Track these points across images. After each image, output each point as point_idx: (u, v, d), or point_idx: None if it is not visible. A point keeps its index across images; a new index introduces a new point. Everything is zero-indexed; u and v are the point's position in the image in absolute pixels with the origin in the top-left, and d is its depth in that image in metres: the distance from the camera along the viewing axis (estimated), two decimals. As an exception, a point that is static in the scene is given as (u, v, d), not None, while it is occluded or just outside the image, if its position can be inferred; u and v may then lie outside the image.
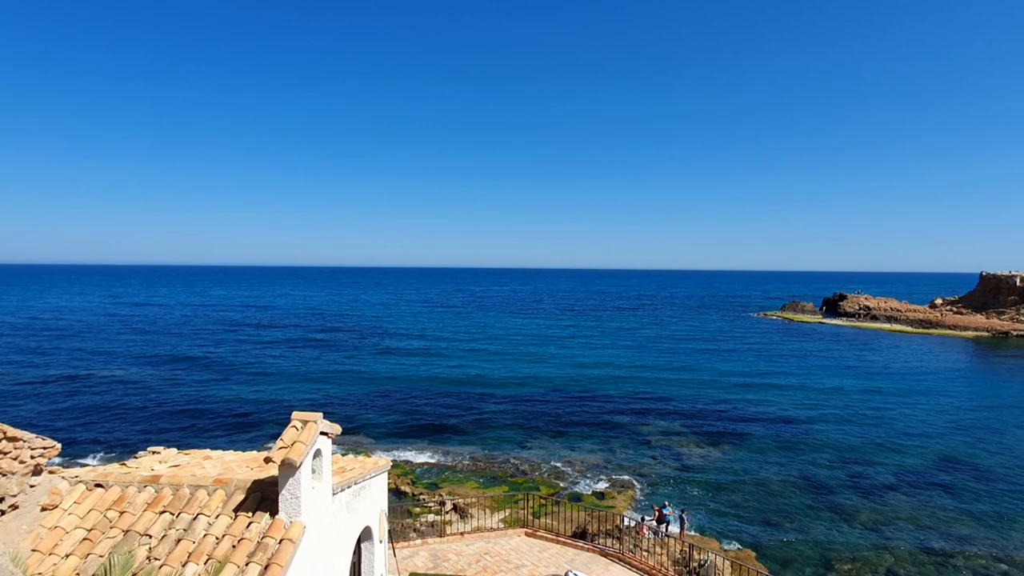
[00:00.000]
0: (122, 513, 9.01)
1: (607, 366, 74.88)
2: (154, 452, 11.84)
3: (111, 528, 8.78)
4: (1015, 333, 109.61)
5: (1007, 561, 26.17)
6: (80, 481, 9.56)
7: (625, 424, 47.76)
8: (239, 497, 9.24)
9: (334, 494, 10.60)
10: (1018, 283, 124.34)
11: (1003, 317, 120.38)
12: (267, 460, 8.71)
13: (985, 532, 29.06)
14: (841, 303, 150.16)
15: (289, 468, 8.81)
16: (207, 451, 12.49)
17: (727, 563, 22.58)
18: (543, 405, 53.58)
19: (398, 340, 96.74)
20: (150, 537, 8.57)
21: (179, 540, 8.51)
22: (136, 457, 11.52)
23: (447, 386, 60.83)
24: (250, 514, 8.94)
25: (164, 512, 8.99)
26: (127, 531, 8.68)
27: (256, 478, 9.60)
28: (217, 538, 8.56)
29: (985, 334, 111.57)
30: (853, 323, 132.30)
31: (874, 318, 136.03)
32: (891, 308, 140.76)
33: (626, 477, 36.19)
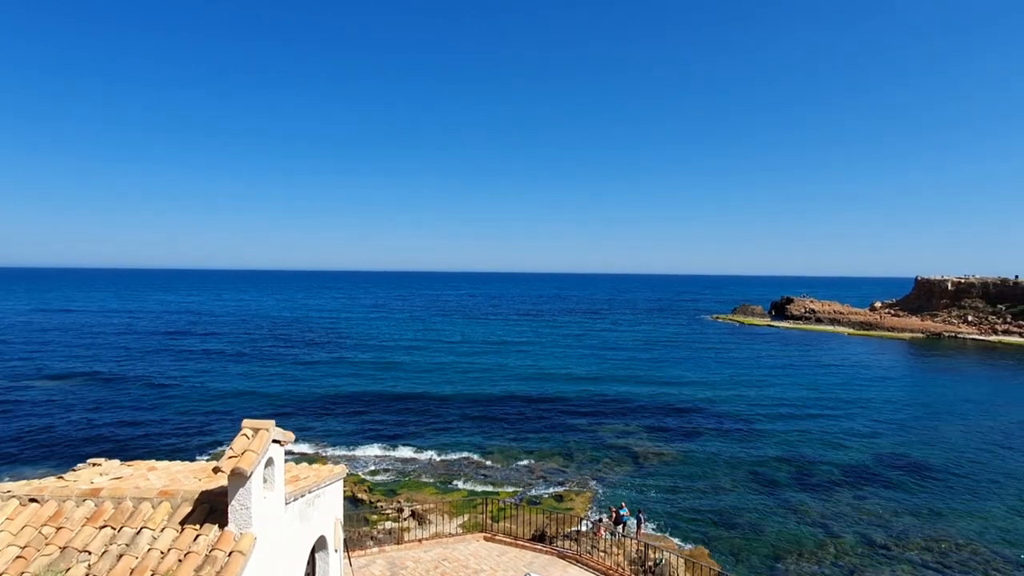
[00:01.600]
0: (59, 529, 8.56)
1: (565, 370, 75.55)
2: (94, 464, 11.29)
3: (47, 545, 8.33)
4: (947, 334, 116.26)
5: (940, 550, 27.68)
6: (13, 496, 9.03)
7: (583, 427, 48.28)
8: (186, 509, 8.91)
9: (287, 503, 10.35)
10: (949, 287, 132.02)
11: (936, 319, 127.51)
12: (216, 470, 8.43)
13: (921, 523, 30.67)
14: (788, 306, 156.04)
15: (239, 478, 8.56)
16: (152, 462, 11.99)
17: (681, 561, 23.08)
18: (501, 409, 53.62)
19: (352, 346, 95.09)
20: (89, 554, 8.17)
21: (121, 556, 8.15)
22: (75, 470, 10.96)
23: (404, 392, 60.15)
24: (198, 526, 8.64)
25: (105, 527, 8.59)
26: (64, 548, 8.25)
27: (204, 489, 9.28)
28: (162, 552, 8.24)
29: (920, 335, 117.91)
30: (799, 325, 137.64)
31: (819, 320, 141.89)
32: (834, 311, 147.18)
33: (584, 479, 36.59)
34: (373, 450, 41.36)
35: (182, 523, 8.69)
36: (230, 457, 8.54)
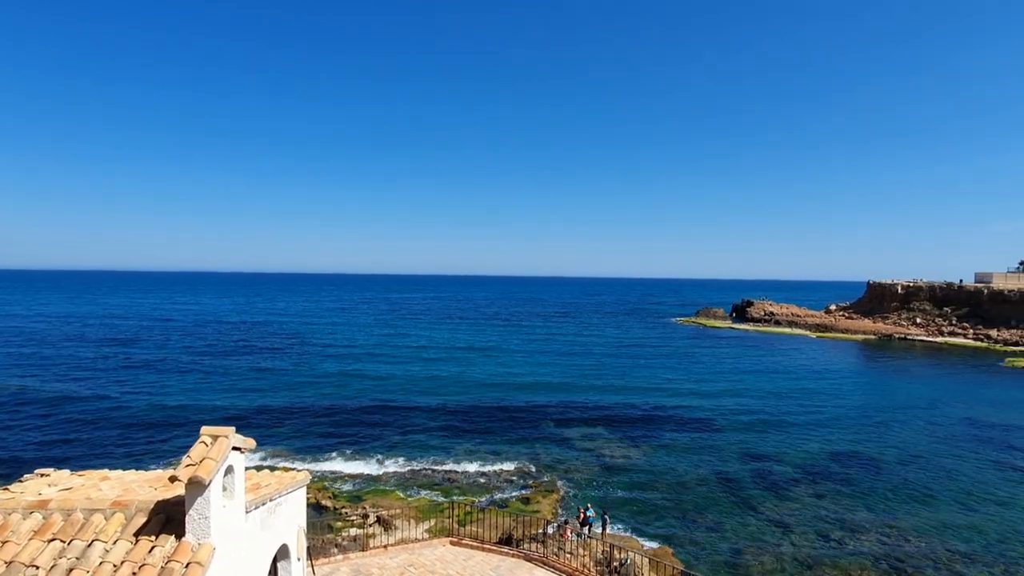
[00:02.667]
0: (4, 543, 8.19)
1: (531, 373, 75.85)
2: (42, 475, 10.83)
3: (-11, 561, 7.96)
4: (897, 336, 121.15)
5: (892, 542, 28.82)
6: (-49, 511, 8.61)
7: (550, 429, 48.55)
8: (141, 520, 8.64)
9: (247, 512, 10.13)
10: (899, 291, 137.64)
11: (887, 321, 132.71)
12: (172, 479, 8.22)
13: (874, 516, 31.86)
14: (748, 309, 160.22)
15: (197, 486, 8.35)
16: (104, 471, 11.58)
17: (646, 560, 23.43)
18: (468, 413, 53.48)
19: (315, 350, 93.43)
20: (37, 568, 7.85)
21: (71, 570, 7.85)
22: (21, 481, 10.49)
23: (369, 396, 59.42)
24: (153, 537, 8.39)
25: (54, 539, 8.26)
26: (10, 562, 7.91)
27: (160, 499, 9.01)
28: (115, 565, 7.97)
29: (872, 337, 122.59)
30: (759, 328, 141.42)
31: (777, 323, 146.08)
32: (792, 313, 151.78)
33: (551, 481, 36.78)
34: (338, 456, 40.71)
35: (136, 534, 8.43)
36: (187, 465, 8.33)
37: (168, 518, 8.68)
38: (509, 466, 39.35)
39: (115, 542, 8.30)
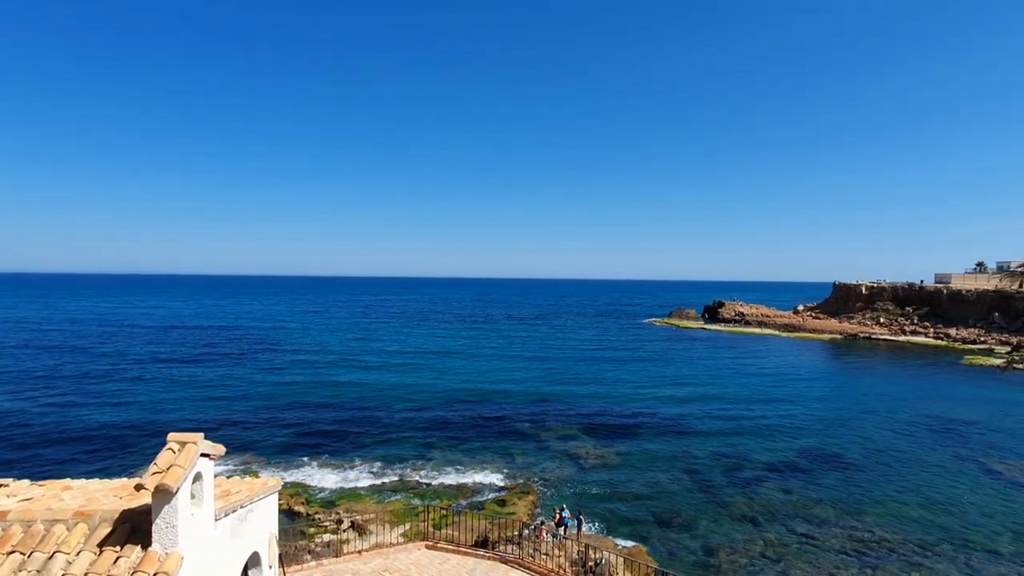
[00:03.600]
0: (-43, 558, 7.89)
1: (507, 375, 75.89)
2: (1, 485, 10.45)
3: (-57, 577, 7.66)
4: (862, 335, 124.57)
5: (858, 537, 29.61)
6: (-99, 525, 8.25)
7: (525, 431, 48.62)
8: (105, 530, 8.41)
9: (217, 520, 9.93)
10: (864, 291, 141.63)
11: (852, 321, 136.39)
12: (138, 487, 8.01)
13: (840, 512, 32.69)
14: (720, 310, 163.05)
15: (164, 494, 8.16)
16: (67, 481, 11.21)
17: (620, 560, 23.64)
18: (442, 415, 53.24)
19: (289, 353, 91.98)
20: (-6, 583, 7.58)
21: (31, 583, 7.60)
22: (-24, 493, 10.10)
23: (342, 400, 58.71)
24: (118, 548, 8.17)
25: (13, 552, 7.98)
26: (-36, 578, 7.62)
27: (126, 508, 8.78)
28: (78, 577, 7.74)
29: (838, 336, 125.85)
30: (730, 328, 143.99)
31: (748, 323, 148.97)
32: (762, 314, 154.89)
33: (527, 483, 36.84)
34: (311, 462, 40.09)
35: (100, 545, 8.20)
36: (154, 473, 8.14)
37: (134, 528, 8.46)
38: (485, 468, 39.28)
39: (78, 553, 8.06)
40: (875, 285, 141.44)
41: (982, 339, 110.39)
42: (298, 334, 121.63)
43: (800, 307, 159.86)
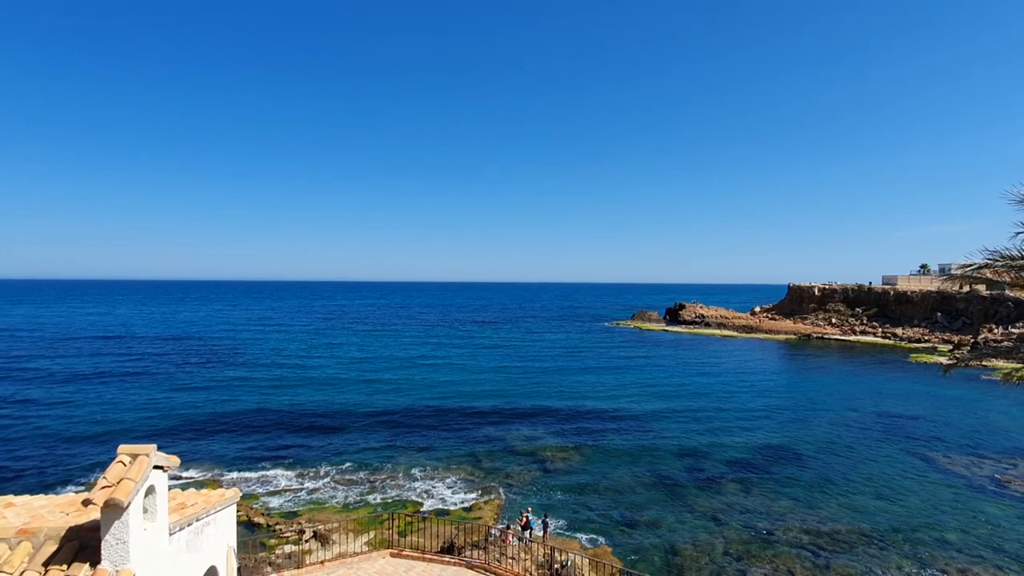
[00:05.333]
0: None
1: (471, 380, 75.63)
2: (-69, 506, 9.84)
3: None
4: (815, 335, 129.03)
5: (814, 531, 30.58)
6: None
7: (491, 435, 48.53)
8: (51, 548, 8.01)
9: (171, 533, 9.59)
10: (816, 293, 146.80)
11: (806, 322, 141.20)
12: (86, 503, 7.67)
13: (796, 506, 33.72)
14: (681, 312, 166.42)
15: (114, 509, 7.83)
16: (9, 497, 10.64)
17: (586, 561, 23.83)
18: (407, 422, 52.68)
19: (244, 361, 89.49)
20: (-75, 609, 7.13)
21: (-33, 608, 7.17)
22: (-95, 514, 9.48)
23: (302, 408, 57.43)
24: (65, 567, 7.79)
25: (-54, 577, 7.53)
26: None
27: (73, 524, 8.40)
28: (20, 599, 7.35)
29: (793, 336, 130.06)
30: (691, 330, 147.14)
31: (708, 325, 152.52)
32: (721, 316, 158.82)
33: (493, 487, 36.74)
34: (271, 471, 39.07)
35: (46, 564, 7.81)
36: (104, 487, 7.81)
37: (82, 545, 8.09)
38: (450, 474, 39.03)
39: (22, 573, 7.65)
40: (827, 287, 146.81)
41: (926, 338, 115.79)
42: (255, 339, 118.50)
43: (757, 309, 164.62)
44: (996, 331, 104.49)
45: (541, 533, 26.94)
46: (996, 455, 43.90)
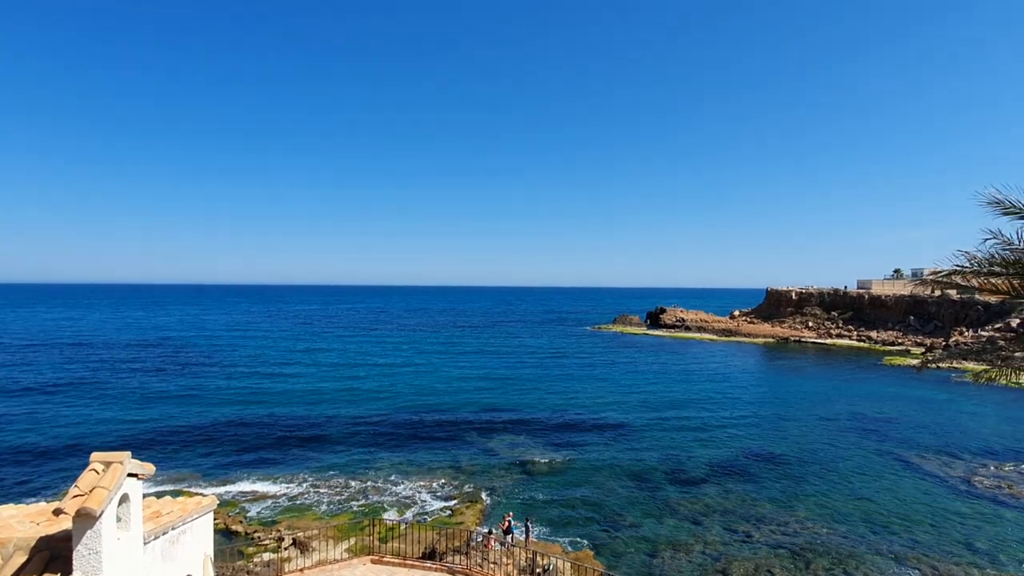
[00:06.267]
0: None
1: (453, 384, 75.35)
2: None
3: None
4: (792, 338, 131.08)
5: (792, 533, 30.99)
6: None
7: (473, 440, 48.38)
8: (20, 559, 7.80)
9: (146, 543, 9.40)
10: (794, 296, 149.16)
11: (784, 325, 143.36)
12: (57, 512, 7.48)
13: (774, 509, 34.15)
14: (661, 316, 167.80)
15: (86, 519, 7.65)
16: (-26, 509, 10.34)
17: (568, 564, 23.85)
18: (388, 427, 52.29)
19: (222, 365, 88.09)
20: None
21: (-69, 622, 6.94)
22: None
23: (282, 413, 56.68)
24: (34, 578, 7.59)
25: (-92, 590, 7.28)
26: None
27: (44, 535, 8.18)
28: (-13, 613, 7.13)
29: (771, 340, 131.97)
30: (672, 333, 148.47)
31: (688, 328, 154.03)
32: (701, 319, 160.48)
33: (475, 492, 36.60)
34: (249, 478, 38.45)
35: (16, 575, 7.59)
36: (75, 496, 7.63)
37: (53, 556, 7.89)
38: (432, 479, 38.80)
39: (-13, 587, 7.43)
40: (804, 291, 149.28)
41: (900, 341, 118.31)
42: (231, 343, 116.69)
43: (736, 312, 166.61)
44: (966, 334, 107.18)
45: (523, 537, 26.91)
46: (967, 455, 44.96)
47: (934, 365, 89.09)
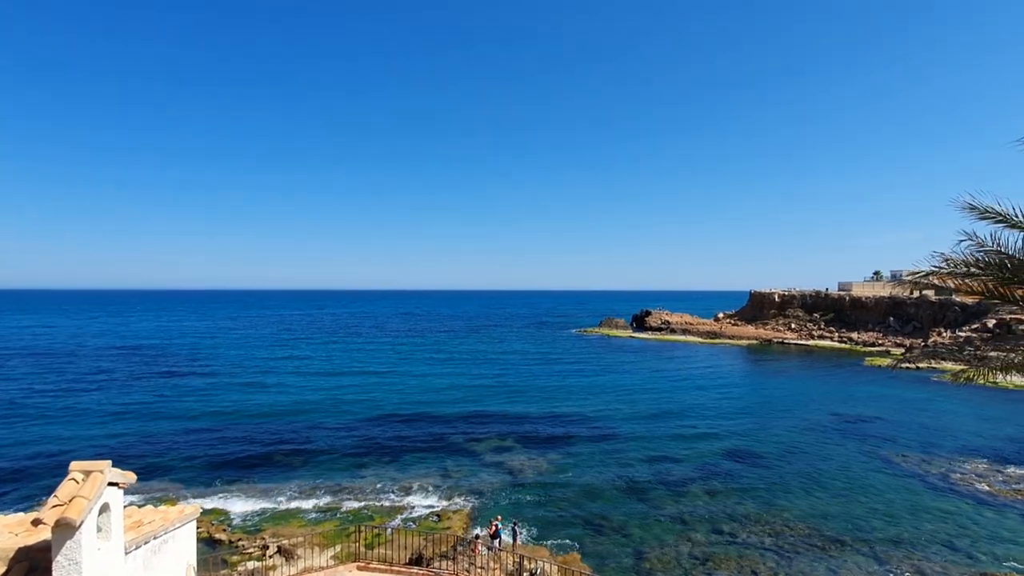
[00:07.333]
0: None
1: (439, 389, 75.11)
2: None
3: None
4: (776, 340, 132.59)
5: (776, 533, 31.29)
6: None
7: (459, 443, 48.23)
8: (-4, 572, 7.63)
9: (127, 552, 9.24)
10: (777, 299, 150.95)
11: (767, 327, 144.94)
12: (36, 522, 7.35)
13: (759, 508, 34.45)
14: (647, 319, 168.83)
15: (66, 529, 7.51)
16: (-52, 521, 10.10)
17: (555, 568, 23.84)
18: (374, 433, 51.94)
19: (206, 372, 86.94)
20: None
21: (-97, 638, 6.76)
22: None
23: (267, 420, 56.07)
24: (12, 591, 7.42)
25: None
26: None
27: (22, 545, 8.02)
28: (-37, 627, 6.96)
29: (755, 342, 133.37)
30: (657, 336, 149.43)
31: (673, 331, 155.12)
32: (686, 322, 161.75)
33: (461, 496, 36.48)
34: (233, 486, 37.91)
35: (-9, 589, 7.43)
36: (55, 506, 7.49)
37: (32, 566, 7.74)
38: (419, 484, 38.57)
39: (-38, 600, 7.26)
40: (786, 293, 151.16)
41: (880, 341, 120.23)
42: (212, 350, 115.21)
43: (720, 315, 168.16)
44: (944, 334, 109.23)
45: (511, 541, 26.86)
46: (946, 453, 45.77)
47: (906, 365, 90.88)
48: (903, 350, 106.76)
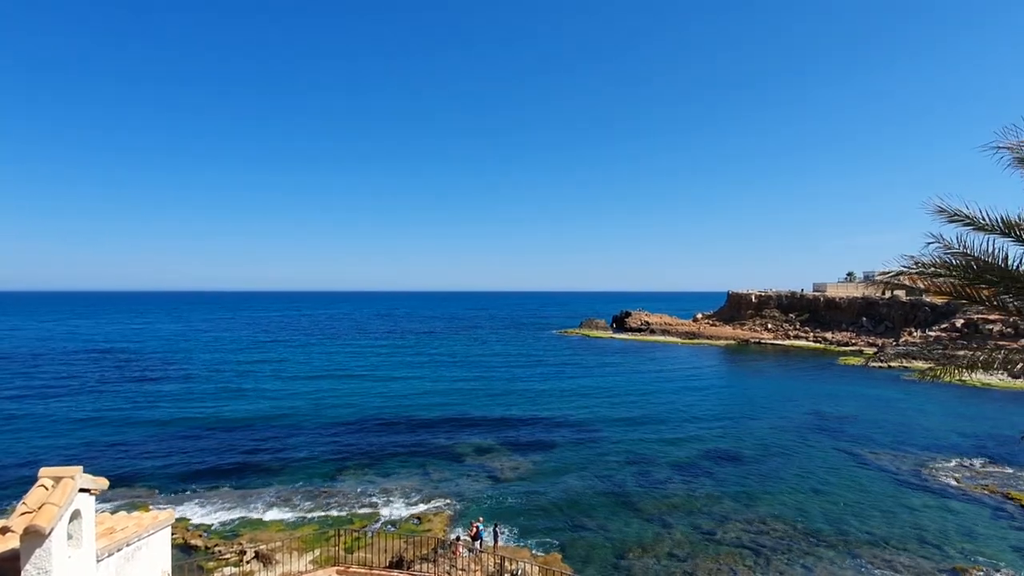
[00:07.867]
0: None
1: (420, 391, 74.75)
2: None
3: None
4: (753, 340, 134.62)
5: (754, 531, 31.75)
6: None
7: (440, 445, 48.05)
8: (-40, 583, 7.40)
9: (99, 560, 9.04)
10: (754, 299, 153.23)
11: (744, 327, 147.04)
12: (3, 530, 7.15)
13: (737, 506, 34.95)
14: (627, 320, 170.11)
15: (35, 536, 7.33)
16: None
17: (536, 568, 23.89)
18: (354, 436, 51.48)
19: (179, 376, 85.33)
20: None
21: None
22: None
23: (243, 425, 55.19)
24: (-23, 602, 7.21)
25: None
26: None
27: (-13, 555, 7.79)
28: (-75, 640, 6.75)
29: (733, 342, 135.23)
30: (637, 336, 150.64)
31: (652, 331, 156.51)
32: (665, 323, 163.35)
33: (442, 498, 36.33)
34: (210, 491, 37.26)
35: (-45, 600, 7.21)
36: (23, 513, 7.31)
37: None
38: (399, 485, 38.35)
39: (-75, 613, 7.04)
40: (763, 294, 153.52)
41: (853, 341, 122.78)
42: (186, 352, 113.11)
43: (699, 315, 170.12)
44: (915, 334, 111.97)
45: (492, 542, 26.85)
46: (917, 450, 46.92)
47: (878, 364, 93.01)
48: (875, 349, 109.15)
